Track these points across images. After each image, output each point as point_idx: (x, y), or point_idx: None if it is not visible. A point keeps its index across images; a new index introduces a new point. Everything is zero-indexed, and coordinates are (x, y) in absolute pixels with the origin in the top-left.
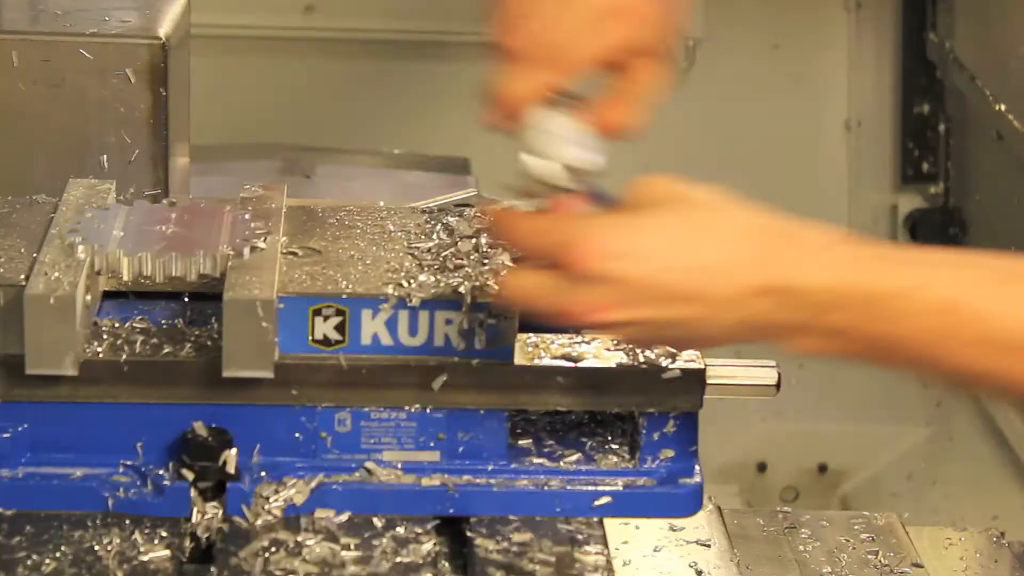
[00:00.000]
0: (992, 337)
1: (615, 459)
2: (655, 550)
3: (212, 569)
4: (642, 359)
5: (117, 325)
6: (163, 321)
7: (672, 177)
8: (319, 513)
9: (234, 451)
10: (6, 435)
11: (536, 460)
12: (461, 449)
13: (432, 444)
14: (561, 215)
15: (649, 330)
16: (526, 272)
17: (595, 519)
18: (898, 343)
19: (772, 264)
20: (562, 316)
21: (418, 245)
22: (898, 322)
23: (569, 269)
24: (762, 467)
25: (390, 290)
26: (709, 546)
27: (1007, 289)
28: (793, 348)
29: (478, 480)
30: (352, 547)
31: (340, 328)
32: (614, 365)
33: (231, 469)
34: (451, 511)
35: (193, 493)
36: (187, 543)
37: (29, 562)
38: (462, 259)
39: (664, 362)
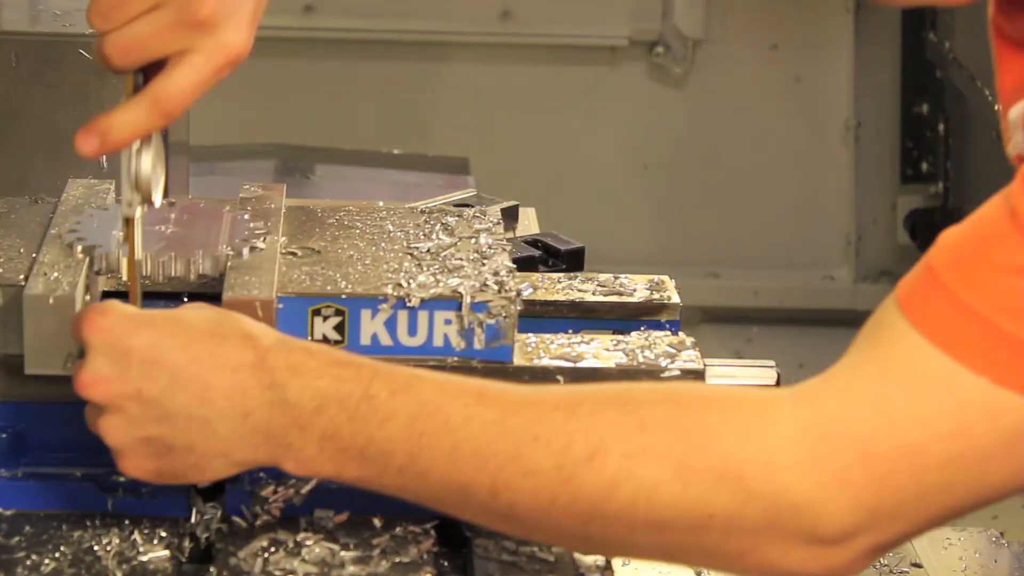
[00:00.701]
0: (462, 447)
1: None
2: None
3: (211, 569)
4: (641, 359)
5: None
6: None
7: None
8: (318, 513)
9: None
10: (5, 435)
11: None
12: None
13: None
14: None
15: (150, 420)
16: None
17: None
18: (387, 448)
19: (268, 361)
20: (76, 385)
21: (417, 245)
22: (381, 425)
23: (83, 338)
24: None
25: (389, 290)
26: None
27: (476, 406)
28: (297, 462)
29: None
30: (351, 547)
31: (339, 328)
32: (613, 365)
33: None
34: None
35: (192, 493)
36: (186, 543)
37: (28, 562)
38: (461, 259)
39: (663, 363)
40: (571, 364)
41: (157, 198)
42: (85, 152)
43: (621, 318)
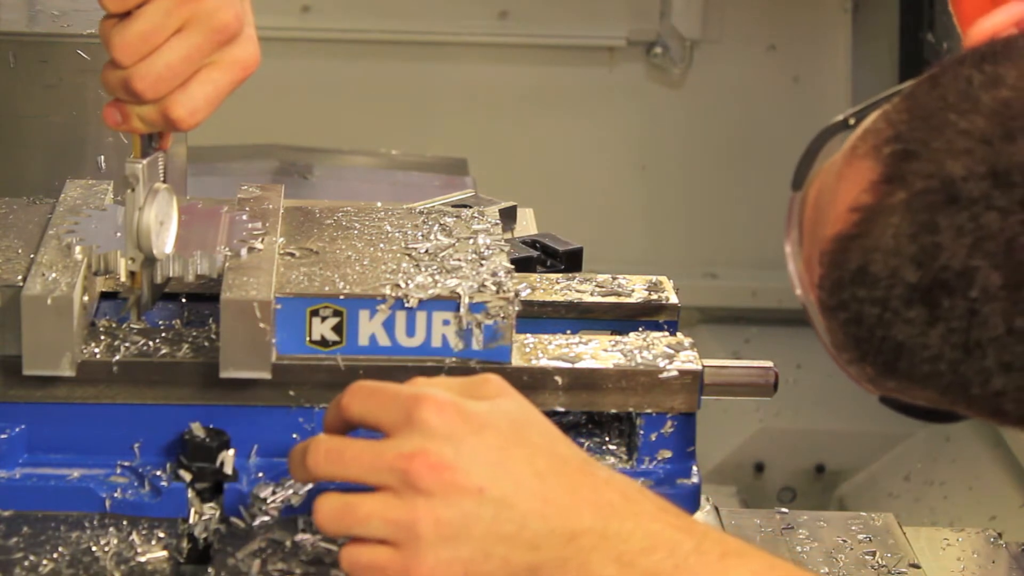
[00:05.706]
0: None
1: (613, 460)
2: None
3: (209, 570)
4: (639, 360)
5: (114, 326)
6: (160, 322)
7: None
8: None
9: (231, 452)
10: (3, 436)
11: None
12: None
13: None
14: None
15: (480, 520)
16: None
17: None
18: None
19: (605, 492)
20: (408, 463)
21: (415, 246)
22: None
23: (417, 417)
24: (759, 467)
25: (387, 291)
26: None
27: None
28: None
29: None
30: None
31: (338, 329)
32: (611, 366)
33: (228, 470)
34: None
35: (190, 494)
36: (184, 544)
37: (26, 563)
38: (459, 260)
39: (661, 363)
40: (569, 365)
41: (165, 249)
42: (108, 123)
43: (619, 319)
